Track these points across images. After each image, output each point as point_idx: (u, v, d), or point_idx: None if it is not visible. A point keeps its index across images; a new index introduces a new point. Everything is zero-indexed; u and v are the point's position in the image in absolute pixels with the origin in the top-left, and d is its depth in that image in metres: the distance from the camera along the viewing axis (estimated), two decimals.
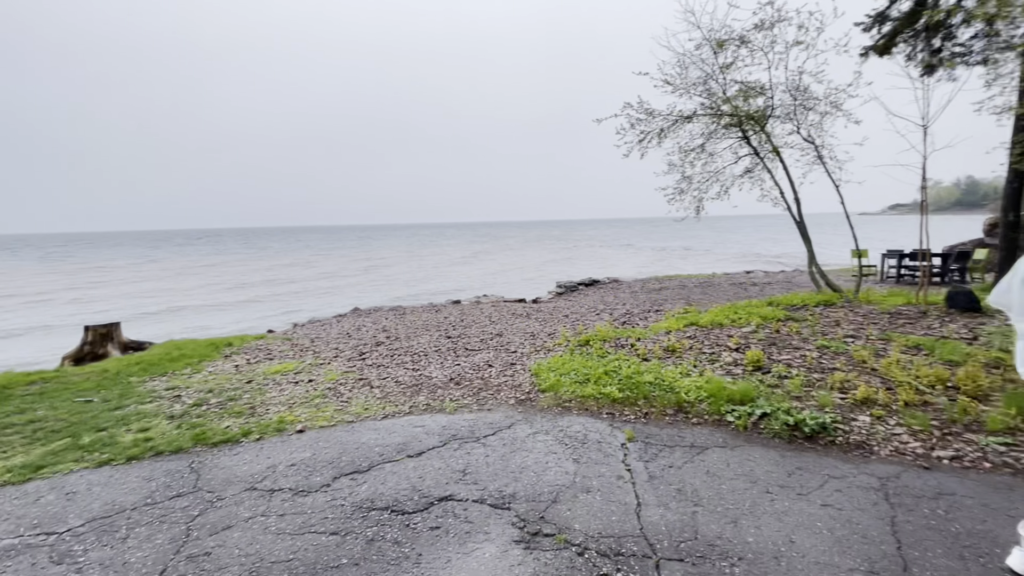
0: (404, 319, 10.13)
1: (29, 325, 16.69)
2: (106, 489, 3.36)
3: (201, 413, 4.71)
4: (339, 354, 6.93)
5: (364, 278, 33.32)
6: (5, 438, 4.26)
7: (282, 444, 3.99)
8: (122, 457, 3.81)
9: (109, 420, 4.57)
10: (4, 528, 2.92)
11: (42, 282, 32.68)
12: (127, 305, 22.73)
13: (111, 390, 5.54)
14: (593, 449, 3.70)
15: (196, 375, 6.06)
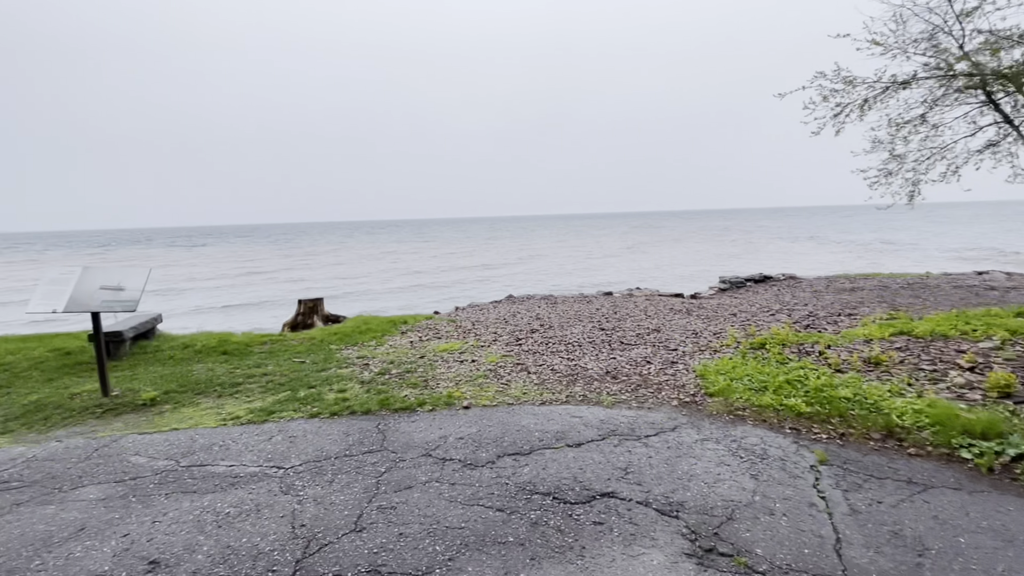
0: (556, 308, 10.25)
1: (263, 297, 20.89)
2: (316, 437, 3.98)
3: (385, 381, 5.34)
4: (497, 338, 7.28)
5: (520, 268, 34.70)
6: (249, 385, 5.34)
7: (451, 417, 4.30)
8: (327, 412, 4.50)
9: (317, 380, 5.43)
10: (251, 458, 3.65)
11: (277, 263, 40.58)
12: (330, 284, 27.05)
13: (317, 354, 6.60)
14: (775, 467, 3.26)
15: (380, 348, 6.90)
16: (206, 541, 2.69)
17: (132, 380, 5.51)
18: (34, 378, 5.69)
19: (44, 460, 3.69)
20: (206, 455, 3.71)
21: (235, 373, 5.73)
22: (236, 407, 4.73)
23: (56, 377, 5.74)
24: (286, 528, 2.78)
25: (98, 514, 2.97)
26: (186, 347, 6.89)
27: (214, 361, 6.32)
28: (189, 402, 4.90)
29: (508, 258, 41.73)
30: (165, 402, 4.89)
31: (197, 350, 6.75)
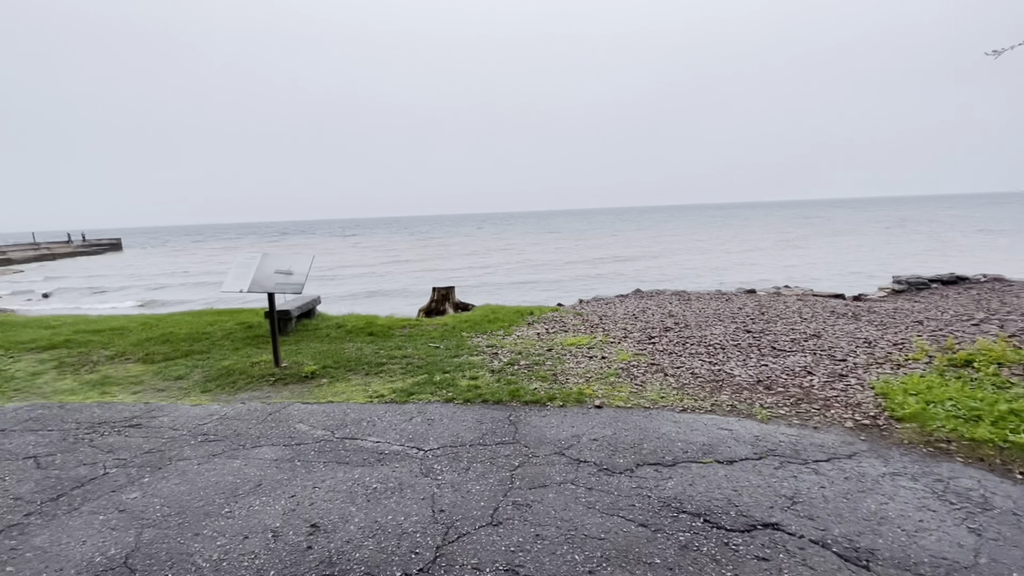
0: (690, 305, 9.51)
1: (402, 284, 22.72)
2: (452, 422, 4.09)
3: (514, 372, 5.34)
4: (627, 335, 6.92)
5: (648, 261, 33.40)
6: (391, 366, 5.72)
7: (583, 416, 4.13)
8: (460, 398, 4.61)
9: (450, 366, 5.63)
10: (394, 436, 3.85)
11: (414, 252, 44.08)
12: (459, 273, 28.54)
13: (450, 341, 6.87)
14: (1007, 523, 2.55)
15: (508, 337, 6.98)
16: (357, 513, 2.86)
17: (297, 354, 6.23)
18: (226, 346, 6.75)
19: (232, 419, 4.29)
20: (356, 429, 4.00)
21: (379, 354, 6.19)
22: (380, 386, 5.08)
23: (242, 347, 6.73)
24: (427, 511, 2.84)
25: (271, 474, 3.33)
26: (339, 327, 7.65)
27: (362, 341, 6.91)
28: (342, 378, 5.39)
29: (634, 251, 40.35)
30: (323, 376, 5.43)
31: (348, 330, 7.46)
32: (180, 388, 5.25)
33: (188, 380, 5.47)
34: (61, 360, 6.26)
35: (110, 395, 5.04)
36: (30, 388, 5.31)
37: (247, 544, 2.61)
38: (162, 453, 3.67)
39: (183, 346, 6.73)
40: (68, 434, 4.03)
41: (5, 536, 2.76)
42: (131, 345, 6.76)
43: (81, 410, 4.55)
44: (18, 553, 2.61)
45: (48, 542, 2.70)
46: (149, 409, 4.57)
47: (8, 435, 4.04)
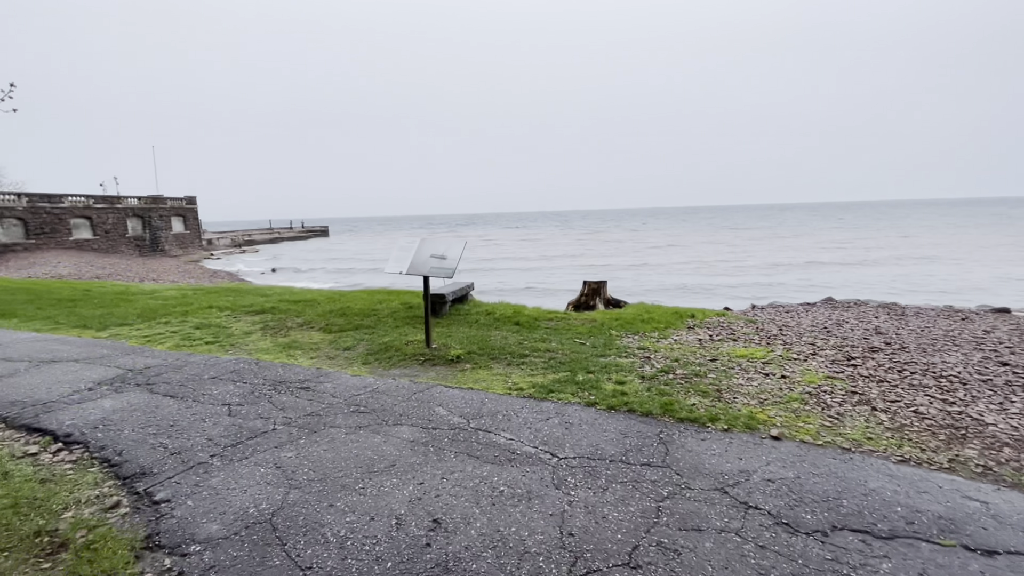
0: (906, 322, 7.52)
1: (551, 278, 22.74)
2: (591, 430, 3.66)
3: (668, 381, 4.68)
4: (816, 351, 5.65)
5: (837, 266, 28.56)
6: (533, 359, 5.50)
7: (754, 447, 3.34)
8: (604, 404, 4.14)
9: (596, 366, 5.18)
10: (528, 436, 3.57)
11: (579, 247, 44.31)
12: (613, 266, 27.69)
13: (598, 338, 6.41)
14: None
15: (663, 340, 6.25)
16: (480, 516, 2.62)
17: (447, 337, 6.41)
18: (389, 324, 7.28)
19: (381, 393, 4.48)
20: (491, 421, 3.83)
21: (523, 344, 6.02)
22: (521, 378, 4.88)
23: (402, 325, 7.20)
24: (554, 531, 2.48)
25: (405, 455, 3.31)
26: (488, 314, 7.74)
27: (508, 330, 6.85)
28: (484, 365, 5.33)
29: (832, 254, 34.79)
30: (467, 361, 5.44)
31: (496, 318, 7.49)
32: (346, 358, 5.74)
33: (353, 352, 5.97)
34: (266, 323, 7.40)
35: (293, 358, 5.73)
36: (241, 344, 6.34)
37: (372, 527, 2.56)
38: (319, 418, 3.94)
39: (355, 320, 7.45)
40: (256, 388, 4.62)
41: (195, 472, 3.15)
42: (317, 315, 7.72)
43: (270, 368, 5.21)
44: (199, 489, 2.95)
45: (221, 484, 3.00)
46: (319, 374, 5.04)
47: (217, 382, 4.78)
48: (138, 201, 45.77)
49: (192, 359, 5.54)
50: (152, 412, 4.06)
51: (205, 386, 4.66)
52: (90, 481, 3.09)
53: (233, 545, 2.46)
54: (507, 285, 24.04)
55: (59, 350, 5.83)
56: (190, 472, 3.14)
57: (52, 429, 3.75)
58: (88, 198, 41.11)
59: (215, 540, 2.50)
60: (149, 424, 3.83)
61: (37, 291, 10.23)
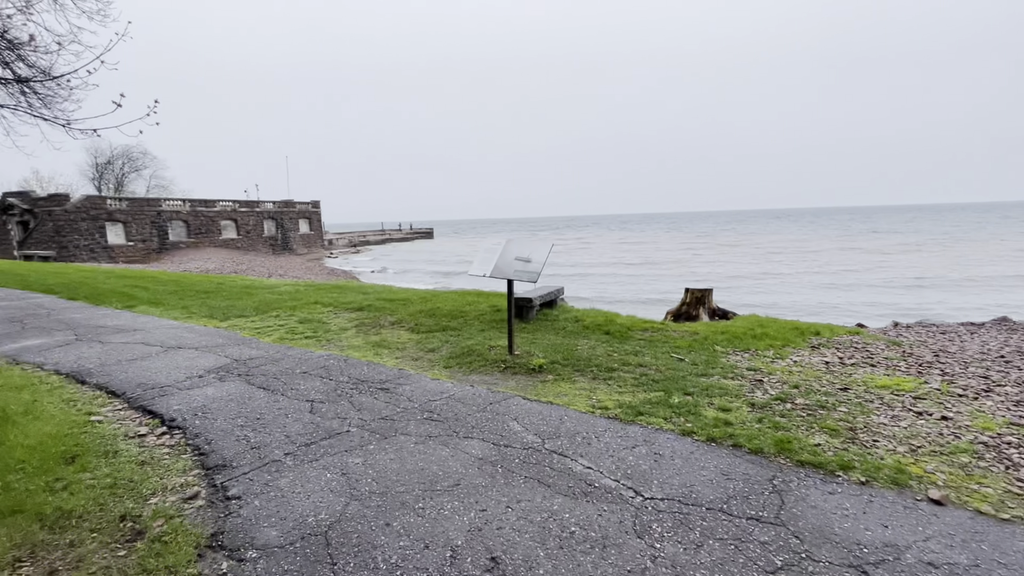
0: None
1: (653, 283, 21.57)
2: (685, 465, 3.12)
3: (785, 412, 3.93)
4: (992, 387, 4.47)
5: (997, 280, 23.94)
6: (622, 374, 4.99)
7: (906, 512, 2.59)
8: (703, 434, 3.55)
9: (695, 386, 4.55)
10: (609, 465, 3.13)
11: (686, 252, 42.20)
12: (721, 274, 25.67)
13: (698, 353, 5.70)
14: None
15: (779, 361, 5.38)
16: (545, 560, 2.26)
17: (531, 343, 6.11)
18: (474, 327, 7.17)
19: (457, 401, 4.29)
20: (568, 444, 3.44)
21: (612, 357, 5.53)
22: (606, 395, 4.42)
23: (486, 329, 7.04)
24: None
25: (471, 475, 3.04)
26: (577, 321, 7.31)
27: (596, 339, 6.38)
28: (567, 377, 4.94)
29: (997, 267, 29.41)
30: (549, 371, 5.09)
31: (585, 325, 7.04)
32: (429, 360, 5.68)
33: (437, 354, 5.90)
34: (361, 321, 7.67)
35: (379, 356, 5.80)
36: (334, 340, 6.59)
37: (424, 557, 2.31)
38: (392, 423, 3.83)
39: (443, 321, 7.44)
40: (339, 386, 4.68)
41: (268, 469, 3.17)
42: (408, 315, 7.85)
43: (355, 366, 5.29)
44: (267, 489, 2.94)
45: (288, 485, 2.97)
46: (400, 376, 5.00)
47: (306, 378, 4.93)
48: (273, 205, 51.73)
49: (289, 352, 5.82)
50: (244, 403, 4.24)
51: (295, 380, 4.82)
52: (179, 468, 3.23)
53: (287, 556, 2.35)
54: (603, 292, 23.25)
55: (185, 338, 6.48)
56: (264, 469, 3.16)
57: (161, 413, 4.06)
58: (235, 203, 47.29)
59: (271, 548, 2.41)
60: (239, 415, 3.99)
61: (182, 283, 11.75)
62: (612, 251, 51.88)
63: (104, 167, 55.57)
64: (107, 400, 4.38)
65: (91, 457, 3.30)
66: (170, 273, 15.99)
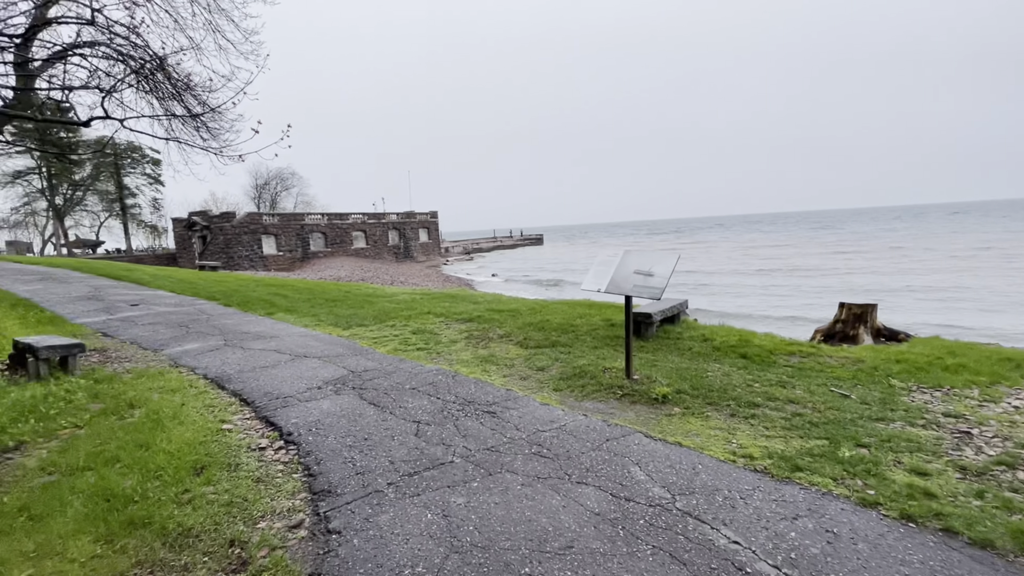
0: None
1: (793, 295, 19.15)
2: (875, 555, 2.33)
3: (1017, 486, 2.88)
4: None
5: None
6: (767, 411, 4.16)
7: None
8: (893, 508, 2.70)
9: (871, 434, 3.59)
10: (765, 543, 2.46)
11: (820, 260, 37.76)
12: (895, 292, 22.16)
13: (868, 388, 4.61)
14: None
15: (990, 405, 4.12)
16: None
17: (652, 366, 5.45)
18: (587, 343, 6.67)
19: (569, 434, 3.84)
20: (706, 504, 2.81)
21: (753, 388, 4.68)
22: (749, 438, 3.66)
23: (600, 346, 6.50)
24: None
25: (587, 536, 2.57)
26: (705, 340, 6.45)
27: (731, 364, 5.51)
28: (698, 411, 4.23)
29: None
30: (675, 403, 4.42)
31: (715, 346, 6.17)
32: (538, 380, 5.31)
33: (546, 373, 5.51)
34: (471, 333, 7.58)
35: (487, 373, 5.56)
36: (445, 353, 6.52)
37: None
38: (498, 455, 3.50)
39: (553, 336, 7.05)
40: (446, 407, 4.49)
41: (370, 501, 3.00)
42: (516, 328, 7.59)
43: (463, 384, 5.10)
44: (367, 526, 2.75)
45: (387, 524, 2.75)
46: (507, 397, 4.69)
47: (415, 395, 4.83)
48: (396, 216, 55.87)
49: (402, 366, 5.83)
50: (354, 420, 4.22)
51: (404, 397, 4.74)
52: (289, 490, 3.20)
53: None
54: (727, 305, 21.19)
55: (311, 346, 6.87)
56: (366, 501, 2.99)
57: (281, 425, 4.17)
58: (364, 215, 51.89)
59: None
60: (349, 433, 3.95)
61: (315, 292, 12.84)
62: (738, 256, 47.72)
63: (262, 187, 64.61)
64: (239, 408, 4.65)
65: (216, 469, 3.41)
66: (306, 281, 17.74)
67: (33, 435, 3.98)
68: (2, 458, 3.65)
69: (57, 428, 4.15)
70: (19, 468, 3.49)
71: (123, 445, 3.72)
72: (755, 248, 56.72)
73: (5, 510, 2.93)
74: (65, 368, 5.64)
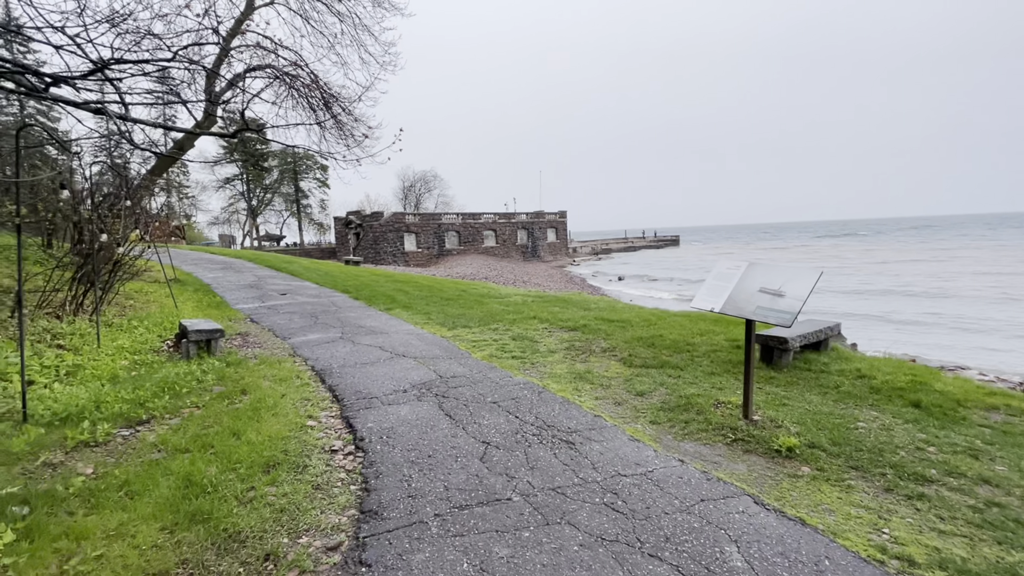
0: None
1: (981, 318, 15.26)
2: None
3: None
4: None
5: None
6: (946, 493, 3.01)
7: None
8: None
9: None
10: None
11: None
12: None
13: None
14: None
15: None
16: None
17: (780, 406, 4.43)
18: (703, 366, 5.75)
19: (655, 484, 3.18)
20: None
21: (926, 453, 3.49)
22: (911, 531, 2.65)
23: (719, 371, 5.54)
24: None
25: None
26: (860, 377, 5.12)
27: (895, 415, 4.24)
28: (836, 476, 3.24)
29: None
30: (805, 459, 3.46)
31: (873, 387, 4.85)
32: (634, 408, 4.64)
33: (645, 400, 4.81)
34: (572, 343, 7.08)
35: (579, 393, 5.04)
36: (539, 364, 6.12)
37: None
38: (562, 499, 3.01)
39: (663, 354, 6.24)
40: (522, 428, 4.09)
41: (411, 532, 2.73)
42: (623, 341, 6.90)
43: (548, 403, 4.66)
44: (400, 563, 2.48)
45: (420, 565, 2.45)
46: (592, 426, 4.14)
47: (494, 409, 4.53)
48: (526, 216, 56.97)
49: (491, 374, 5.58)
50: (426, 432, 4.04)
51: (482, 412, 4.46)
52: (341, 504, 3.09)
53: None
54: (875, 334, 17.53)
55: (412, 345, 6.98)
56: (408, 531, 2.73)
57: (357, 428, 4.16)
58: (495, 215, 53.82)
59: None
60: (415, 447, 3.76)
61: (434, 289, 13.36)
62: (907, 268, 39.65)
63: (407, 189, 70.78)
64: (329, 404, 4.79)
65: (285, 469, 3.46)
66: (431, 278, 18.69)
67: (163, 411, 4.49)
68: (133, 430, 4.16)
69: (182, 406, 4.64)
70: (140, 441, 3.92)
71: (221, 431, 3.99)
72: (936, 254, 46.49)
73: (112, 482, 3.25)
74: (209, 350, 6.44)
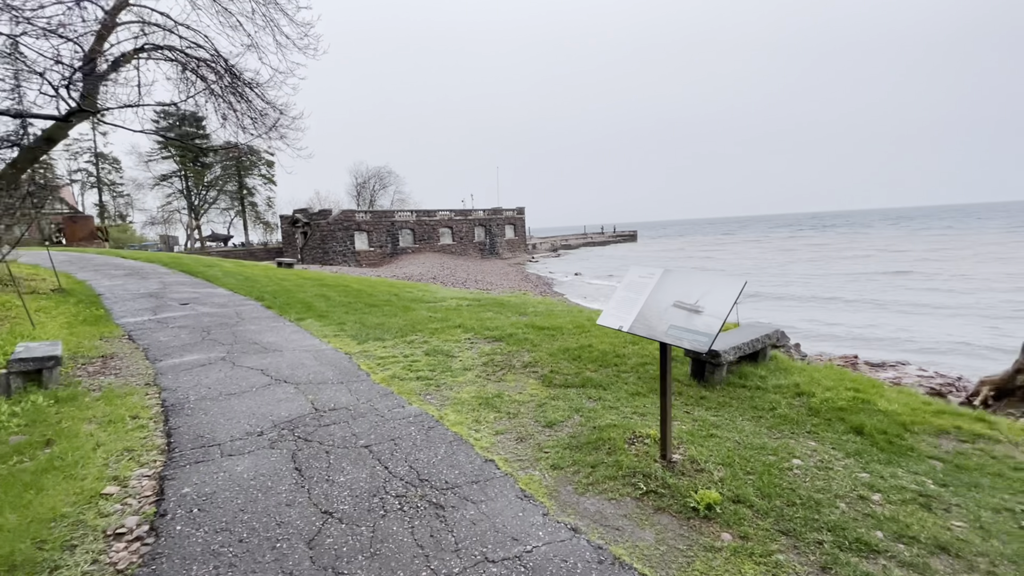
0: None
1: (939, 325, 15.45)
2: None
3: None
4: None
5: None
6: (905, 555, 2.33)
7: None
8: None
9: None
10: None
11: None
12: None
13: None
14: None
15: None
16: None
17: (707, 437, 3.72)
18: (628, 386, 5.02)
19: (531, 572, 2.37)
20: None
21: (869, 504, 2.82)
22: None
23: (643, 392, 4.83)
24: None
25: None
26: (799, 395, 4.51)
27: (835, 444, 3.60)
28: (763, 547, 2.51)
29: None
30: (727, 521, 2.73)
31: (813, 406, 4.23)
32: (537, 446, 3.84)
33: (555, 434, 4.01)
34: (492, 358, 6.23)
35: (476, 427, 4.20)
36: (445, 386, 5.25)
37: None
38: None
39: (588, 369, 5.49)
40: (386, 486, 3.21)
41: None
42: (548, 354, 6.12)
43: (433, 445, 3.80)
44: None
45: None
46: (479, 477, 3.31)
47: (362, 459, 3.62)
48: (483, 213, 55.97)
49: (381, 404, 4.68)
50: (257, 498, 3.09)
51: (344, 462, 3.55)
52: None
53: None
54: (819, 330, 17.63)
55: (304, 366, 5.97)
56: None
57: (168, 495, 3.17)
58: (451, 212, 52.58)
59: None
60: (229, 526, 2.82)
61: (362, 294, 12.26)
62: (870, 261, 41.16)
63: (361, 186, 68.32)
64: (153, 458, 3.74)
65: (22, 574, 2.45)
66: (366, 280, 17.46)
67: None
68: None
69: None
70: None
71: None
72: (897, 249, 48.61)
73: None
74: (40, 382, 5.24)
